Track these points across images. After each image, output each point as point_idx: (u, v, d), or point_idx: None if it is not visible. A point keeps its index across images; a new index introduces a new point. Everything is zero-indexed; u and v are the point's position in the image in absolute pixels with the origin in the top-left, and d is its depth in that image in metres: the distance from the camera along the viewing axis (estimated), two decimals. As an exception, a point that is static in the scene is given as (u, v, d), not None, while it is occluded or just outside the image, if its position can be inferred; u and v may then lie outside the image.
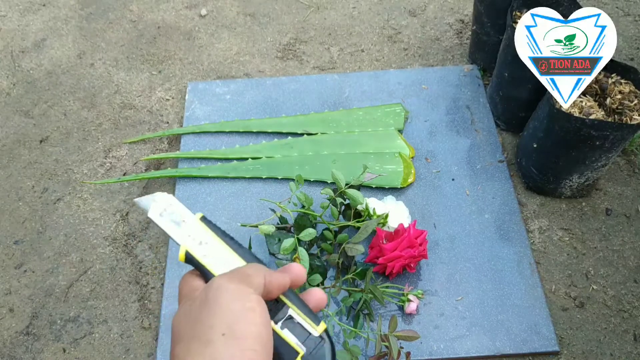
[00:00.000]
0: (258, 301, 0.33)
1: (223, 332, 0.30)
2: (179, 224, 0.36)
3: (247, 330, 0.31)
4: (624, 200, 1.11)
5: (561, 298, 1.00)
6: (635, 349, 0.94)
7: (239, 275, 0.34)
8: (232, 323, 0.31)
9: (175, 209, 0.36)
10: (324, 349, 0.35)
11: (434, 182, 1.13)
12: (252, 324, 0.31)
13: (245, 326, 0.31)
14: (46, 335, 0.99)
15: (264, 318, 0.32)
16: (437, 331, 0.94)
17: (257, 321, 0.32)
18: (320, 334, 0.35)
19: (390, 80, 1.30)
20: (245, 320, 0.31)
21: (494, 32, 1.22)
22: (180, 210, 0.37)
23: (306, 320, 0.35)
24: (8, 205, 1.16)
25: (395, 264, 0.94)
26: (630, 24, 1.44)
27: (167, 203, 0.36)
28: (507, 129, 1.23)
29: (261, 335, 0.31)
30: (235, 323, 0.31)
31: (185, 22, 1.50)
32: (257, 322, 0.31)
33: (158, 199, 0.36)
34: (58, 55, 1.43)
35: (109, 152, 1.23)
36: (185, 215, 0.36)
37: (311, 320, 0.35)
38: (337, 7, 1.52)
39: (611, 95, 1.01)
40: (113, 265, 1.06)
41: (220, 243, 0.36)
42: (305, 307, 0.36)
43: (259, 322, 0.32)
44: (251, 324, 0.31)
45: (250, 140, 1.21)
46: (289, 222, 1.00)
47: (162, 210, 0.36)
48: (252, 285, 0.33)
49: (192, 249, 0.36)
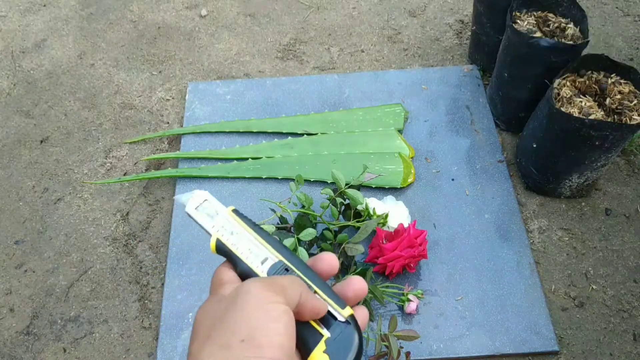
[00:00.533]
0: (285, 312, 0.31)
1: (242, 338, 0.29)
2: (212, 217, 0.37)
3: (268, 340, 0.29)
4: (624, 200, 1.12)
5: (561, 298, 1.00)
6: (635, 348, 0.94)
7: (274, 284, 0.32)
8: (254, 330, 0.29)
9: (210, 203, 0.38)
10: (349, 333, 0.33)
11: (433, 182, 1.13)
12: (275, 334, 0.29)
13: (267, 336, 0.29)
14: (46, 335, 0.99)
15: (289, 330, 0.30)
16: (436, 331, 0.94)
17: (281, 332, 0.30)
18: (347, 318, 0.34)
19: (390, 81, 1.31)
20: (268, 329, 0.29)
21: (494, 32, 1.22)
22: (214, 204, 0.38)
23: (331, 304, 0.34)
24: (8, 205, 1.16)
25: (395, 264, 0.94)
26: (630, 24, 1.44)
27: (203, 198, 0.38)
28: (506, 129, 1.23)
29: (283, 347, 0.29)
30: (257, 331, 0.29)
31: (185, 22, 1.50)
32: (280, 333, 0.30)
33: (195, 195, 0.38)
34: (58, 56, 1.43)
35: (109, 152, 1.23)
36: (218, 208, 0.38)
37: (336, 304, 0.34)
38: (337, 7, 1.52)
39: (611, 96, 1.01)
40: (113, 265, 1.06)
41: (250, 233, 0.37)
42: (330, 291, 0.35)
43: (283, 333, 0.30)
44: (274, 334, 0.29)
45: (251, 140, 1.21)
46: (289, 222, 1.01)
47: (197, 204, 0.38)
48: (285, 296, 0.31)
49: (222, 238, 0.36)
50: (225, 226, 0.37)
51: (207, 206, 0.38)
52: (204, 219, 0.37)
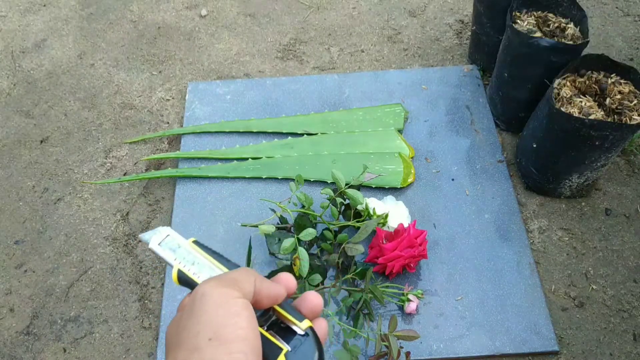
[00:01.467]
0: (244, 305, 0.32)
1: (209, 337, 0.30)
2: (174, 250, 0.39)
3: (233, 334, 0.30)
4: (624, 200, 1.12)
5: (561, 298, 1.00)
6: (635, 348, 0.94)
7: (226, 280, 0.33)
8: (218, 328, 0.30)
9: (172, 238, 0.40)
10: (309, 345, 0.34)
11: (433, 182, 1.13)
12: (238, 328, 0.31)
13: (232, 331, 0.30)
14: (46, 335, 0.99)
15: (251, 322, 0.32)
16: (436, 331, 0.94)
17: (244, 325, 0.31)
18: (305, 330, 0.35)
19: (390, 81, 1.31)
20: (232, 324, 0.31)
21: (494, 33, 1.22)
22: (176, 238, 0.40)
23: (290, 320, 0.35)
24: (8, 205, 1.16)
25: (395, 264, 0.94)
26: (630, 24, 1.44)
27: (165, 234, 0.40)
28: (506, 129, 1.23)
29: (248, 338, 0.31)
30: (222, 328, 0.30)
31: (185, 22, 1.50)
32: (243, 326, 0.31)
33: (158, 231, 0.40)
34: (58, 56, 1.43)
35: (109, 152, 1.23)
36: (180, 241, 0.39)
37: (295, 319, 0.35)
38: (337, 7, 1.52)
39: (611, 96, 1.01)
40: (113, 265, 1.06)
41: (212, 262, 0.38)
42: (288, 306, 0.36)
43: (246, 326, 0.31)
44: (238, 328, 0.31)
45: (251, 140, 1.21)
46: (289, 222, 1.01)
47: (160, 240, 0.39)
48: (239, 290, 0.33)
49: (184, 269, 0.38)
50: (186, 257, 0.38)
51: (169, 241, 0.39)
52: (166, 253, 0.39)
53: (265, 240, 1.01)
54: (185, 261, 0.38)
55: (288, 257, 0.97)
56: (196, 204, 1.11)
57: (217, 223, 1.08)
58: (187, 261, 0.38)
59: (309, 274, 0.91)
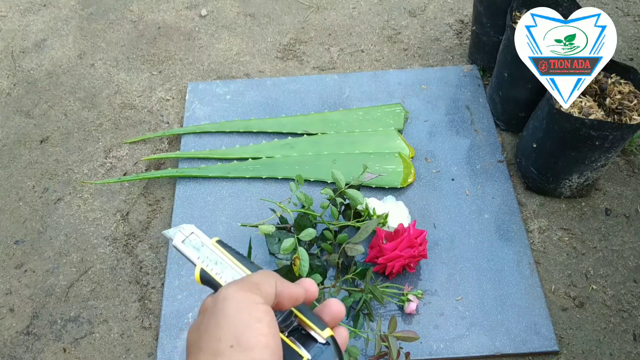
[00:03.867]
0: (266, 311, 0.32)
1: (231, 343, 0.30)
2: (198, 249, 0.39)
3: (255, 340, 0.30)
4: (624, 200, 1.12)
5: (561, 298, 1.00)
6: (635, 348, 0.94)
7: (248, 284, 0.33)
8: (240, 334, 0.31)
9: (196, 236, 0.40)
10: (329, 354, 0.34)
11: (433, 182, 1.13)
12: (260, 334, 0.31)
13: (253, 337, 0.31)
14: (46, 335, 0.99)
15: (272, 328, 0.32)
16: (436, 331, 0.94)
17: (265, 331, 0.31)
18: (326, 339, 0.35)
19: (390, 81, 1.31)
20: (253, 330, 0.31)
21: (494, 33, 1.22)
22: (200, 236, 0.40)
23: (311, 327, 0.35)
24: (8, 205, 1.16)
25: (395, 264, 0.94)
26: (630, 24, 1.44)
27: (189, 232, 0.40)
28: (506, 129, 1.23)
29: (269, 345, 0.31)
30: (243, 334, 0.31)
31: (185, 22, 1.50)
32: (265, 333, 0.31)
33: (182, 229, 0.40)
34: (58, 56, 1.43)
35: (109, 152, 1.23)
36: (204, 240, 0.39)
37: (316, 327, 0.35)
38: (337, 7, 1.52)
39: (611, 96, 1.01)
40: (113, 265, 1.06)
41: (234, 262, 0.38)
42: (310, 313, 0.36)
43: (267, 333, 0.31)
44: (259, 335, 0.31)
45: (251, 140, 1.21)
46: (289, 222, 1.01)
47: (184, 238, 0.39)
48: (260, 294, 0.33)
49: (207, 268, 0.38)
50: (209, 257, 0.38)
51: (193, 239, 0.39)
52: (190, 251, 0.39)
53: (265, 240, 1.01)
54: (208, 260, 0.38)
55: (288, 257, 0.97)
56: (196, 204, 1.11)
57: (217, 223, 1.08)
58: (210, 260, 0.38)
59: (309, 274, 0.91)
